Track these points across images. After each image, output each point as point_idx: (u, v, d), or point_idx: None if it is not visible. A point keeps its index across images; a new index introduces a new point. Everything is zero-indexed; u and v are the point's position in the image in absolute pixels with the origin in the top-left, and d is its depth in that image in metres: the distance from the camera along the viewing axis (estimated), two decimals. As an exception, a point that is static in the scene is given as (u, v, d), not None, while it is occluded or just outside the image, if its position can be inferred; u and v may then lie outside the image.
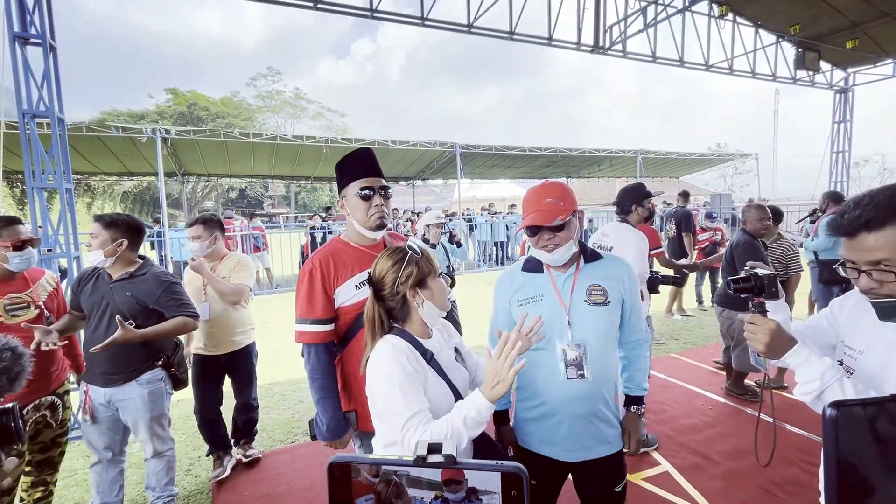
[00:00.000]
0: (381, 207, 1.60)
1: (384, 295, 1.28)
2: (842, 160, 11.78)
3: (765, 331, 1.07)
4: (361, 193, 1.58)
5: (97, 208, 26.34)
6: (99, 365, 2.11)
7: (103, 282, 2.14)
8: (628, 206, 2.98)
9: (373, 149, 1.75)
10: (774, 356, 1.08)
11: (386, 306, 1.29)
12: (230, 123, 31.70)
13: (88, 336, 2.13)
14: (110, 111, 30.32)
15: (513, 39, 7.39)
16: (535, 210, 1.39)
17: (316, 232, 9.82)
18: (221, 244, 2.87)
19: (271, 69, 40.66)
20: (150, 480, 2.33)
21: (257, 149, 11.73)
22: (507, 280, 1.54)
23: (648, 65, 8.94)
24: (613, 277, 1.45)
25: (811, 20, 8.80)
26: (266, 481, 2.75)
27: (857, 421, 0.67)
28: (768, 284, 1.18)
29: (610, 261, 1.51)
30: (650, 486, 2.55)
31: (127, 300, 2.10)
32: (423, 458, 0.60)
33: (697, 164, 18.75)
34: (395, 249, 1.29)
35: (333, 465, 0.62)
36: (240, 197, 36.06)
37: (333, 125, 40.63)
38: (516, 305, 1.47)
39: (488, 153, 13.20)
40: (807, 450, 2.88)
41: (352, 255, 1.62)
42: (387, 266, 1.27)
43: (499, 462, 0.59)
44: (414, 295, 1.26)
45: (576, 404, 1.40)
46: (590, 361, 1.38)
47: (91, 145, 10.04)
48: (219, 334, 2.78)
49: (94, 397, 2.13)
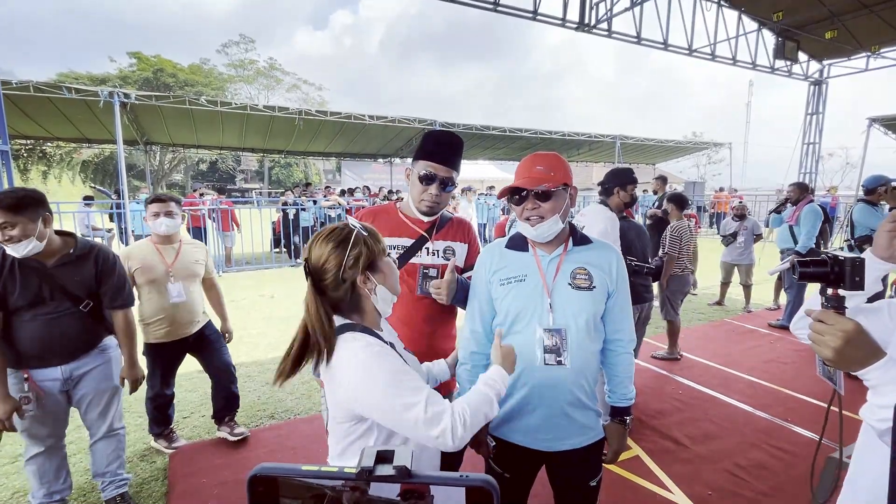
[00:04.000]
0: (434, 196, 1.57)
1: (326, 286, 1.04)
2: (812, 151, 12.11)
3: (838, 333, 0.81)
4: (423, 174, 1.56)
5: (54, 177, 24.83)
6: (54, 344, 1.96)
7: (30, 268, 1.87)
8: (611, 187, 2.89)
9: (349, 123, 1.64)
10: (848, 367, 0.83)
11: (331, 299, 1.06)
12: (199, 92, 30.16)
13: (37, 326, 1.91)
14: (67, 73, 28.32)
15: (497, 11, 7.15)
16: (525, 177, 1.31)
17: (288, 209, 9.48)
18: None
19: (244, 37, 38.59)
20: (100, 465, 2.19)
21: (226, 119, 11.15)
22: (489, 256, 1.44)
23: (628, 52, 8.88)
24: (601, 265, 1.35)
25: (794, 8, 8.87)
26: (227, 467, 2.61)
27: None
28: (851, 272, 0.87)
29: (600, 247, 1.40)
30: (621, 470, 2.55)
31: (81, 281, 1.98)
32: (370, 471, 0.49)
33: (673, 152, 19.02)
34: (333, 230, 1.07)
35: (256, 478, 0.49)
36: (210, 170, 34.67)
37: (310, 98, 39.27)
38: (497, 285, 1.38)
39: (468, 132, 12.97)
40: (772, 434, 2.94)
41: (393, 220, 1.64)
42: (326, 250, 1.04)
43: (464, 474, 0.48)
44: (365, 280, 1.06)
45: (553, 391, 1.31)
46: (569, 348, 1.29)
47: (41, 108, 9.24)
48: (188, 315, 2.64)
49: (44, 381, 1.97)
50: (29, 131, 11.37)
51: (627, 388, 1.42)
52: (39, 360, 1.97)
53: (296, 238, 9.48)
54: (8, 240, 1.77)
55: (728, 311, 5.92)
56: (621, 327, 1.40)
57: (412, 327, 1.58)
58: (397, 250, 1.59)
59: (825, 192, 14.15)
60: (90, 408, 2.11)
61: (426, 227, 1.64)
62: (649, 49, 8.94)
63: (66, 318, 1.96)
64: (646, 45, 8.65)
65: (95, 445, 2.17)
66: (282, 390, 3.56)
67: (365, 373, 0.96)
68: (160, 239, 2.62)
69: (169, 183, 29.83)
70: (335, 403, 1.03)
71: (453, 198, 11.95)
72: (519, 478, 1.43)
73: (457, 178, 1.62)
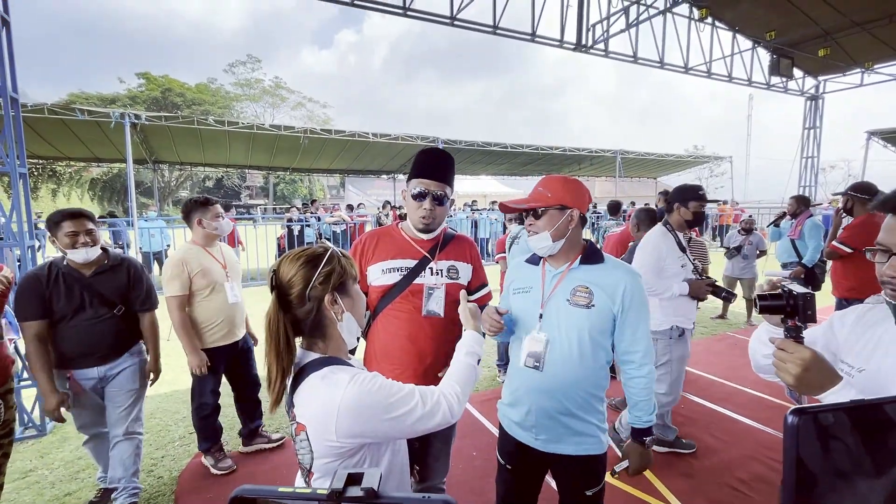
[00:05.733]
0: (429, 211, 1.62)
1: (291, 301, 0.99)
2: (811, 165, 12.20)
3: (797, 361, 0.89)
4: (415, 192, 1.63)
5: (63, 195, 25.22)
6: (94, 347, 2.18)
7: (73, 278, 2.13)
8: (671, 204, 2.71)
9: (353, 141, 1.76)
10: (808, 392, 0.90)
11: (293, 317, 1.00)
12: (206, 111, 30.74)
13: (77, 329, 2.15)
14: (78, 94, 29.00)
15: (496, 34, 7.35)
16: (528, 197, 1.48)
17: (293, 225, 9.61)
18: None
19: (251, 56, 39.65)
20: (117, 470, 2.27)
21: (233, 137, 11.37)
22: (512, 269, 1.66)
23: (628, 66, 9.04)
24: (606, 286, 1.38)
25: (786, 27, 9.04)
26: (234, 482, 2.65)
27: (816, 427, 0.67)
28: (804, 305, 0.94)
29: (613, 268, 1.42)
30: (623, 484, 2.56)
31: (117, 288, 2.22)
32: (340, 493, 0.52)
33: (675, 166, 19.13)
34: (306, 250, 1.04)
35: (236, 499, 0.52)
36: (216, 187, 35.07)
37: (315, 116, 39.85)
38: (511, 293, 1.57)
39: (470, 149, 13.15)
40: (774, 447, 2.95)
41: (397, 242, 1.71)
42: (295, 267, 1.00)
43: (426, 496, 0.51)
44: (333, 301, 1.01)
45: (540, 395, 1.42)
46: (549, 356, 1.39)
47: (54, 129, 9.51)
48: (241, 316, 2.76)
49: (82, 380, 2.21)
50: (42, 152, 11.63)
51: (642, 410, 1.43)
52: (80, 361, 2.17)
53: (300, 254, 9.57)
54: (84, 244, 2.09)
55: (731, 325, 5.94)
56: (633, 349, 1.40)
57: (418, 346, 1.65)
58: (401, 272, 1.65)
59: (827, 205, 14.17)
60: (115, 406, 2.26)
61: (429, 246, 1.69)
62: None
63: (104, 323, 2.18)
64: (642, 64, 8.83)
65: (115, 449, 2.26)
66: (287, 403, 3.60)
67: (360, 408, 0.94)
68: (204, 241, 2.63)
69: (175, 199, 30.19)
70: (325, 445, 0.96)
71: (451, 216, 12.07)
72: (524, 474, 1.52)
73: (451, 193, 1.68)
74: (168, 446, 3.03)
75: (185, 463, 2.83)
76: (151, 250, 8.31)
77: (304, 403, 0.98)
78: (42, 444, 3.06)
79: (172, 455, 2.93)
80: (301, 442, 0.98)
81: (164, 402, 3.69)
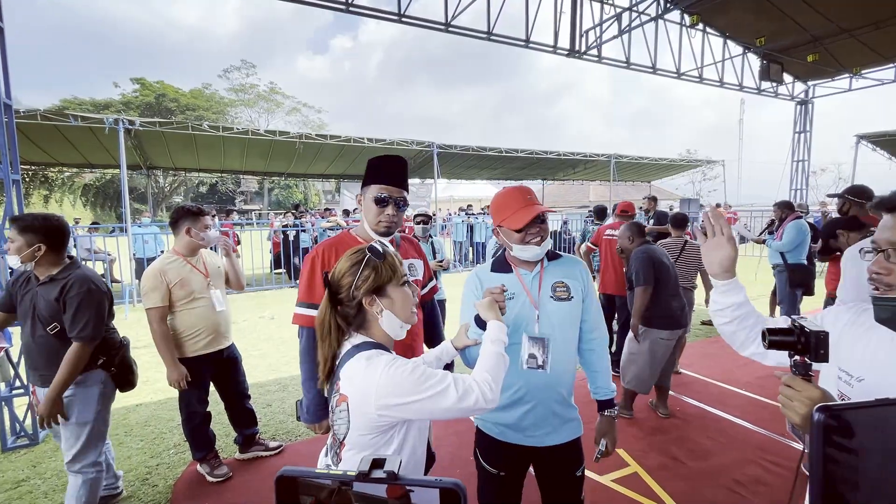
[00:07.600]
0: (391, 217, 1.64)
1: (341, 298, 1.15)
2: (801, 168, 12.35)
3: (804, 400, 0.85)
4: (378, 198, 1.62)
5: (55, 201, 25.03)
6: (37, 365, 2.05)
7: (32, 284, 2.03)
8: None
9: (349, 146, 1.76)
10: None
11: (342, 313, 1.16)
12: (200, 116, 30.69)
13: (25, 339, 2.07)
14: (71, 99, 28.83)
15: (490, 40, 7.41)
16: (527, 205, 1.44)
17: (288, 230, 9.58)
18: None
19: (245, 62, 39.74)
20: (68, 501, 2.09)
21: (228, 143, 11.36)
22: (476, 280, 1.56)
23: (622, 72, 9.12)
24: (574, 276, 1.52)
25: (776, 33, 9.19)
26: (229, 490, 2.63)
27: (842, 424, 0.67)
28: (816, 344, 0.86)
29: (568, 260, 1.58)
30: (620, 487, 2.56)
31: (49, 304, 1.96)
32: (366, 474, 0.60)
33: (668, 169, 19.31)
34: (358, 250, 1.17)
35: (281, 478, 0.63)
36: (210, 192, 34.93)
37: (310, 121, 39.87)
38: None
39: (465, 153, 13.21)
40: (769, 449, 2.97)
41: None
42: (346, 267, 1.15)
43: (438, 479, 0.59)
44: (371, 303, 1.14)
45: (539, 391, 1.46)
46: (550, 353, 1.44)
47: (47, 134, 9.44)
48: (227, 325, 2.72)
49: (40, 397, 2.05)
50: (35, 158, 11.55)
51: (608, 382, 1.57)
52: (33, 377, 2.08)
53: (295, 259, 9.54)
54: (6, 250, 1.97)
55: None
56: (597, 326, 1.56)
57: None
58: None
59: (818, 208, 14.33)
60: (61, 436, 2.08)
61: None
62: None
63: (38, 340, 2.00)
64: (635, 70, 8.93)
65: (69, 476, 2.11)
66: (282, 412, 3.59)
67: (397, 383, 1.05)
68: (187, 250, 2.58)
69: (169, 205, 30.01)
70: (363, 417, 1.07)
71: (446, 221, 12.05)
72: (511, 476, 1.54)
73: (408, 196, 1.72)
74: (163, 454, 3.00)
75: (180, 471, 2.80)
76: (145, 256, 8.25)
77: (348, 377, 1.09)
78: (34, 454, 3.03)
79: (167, 463, 2.90)
80: (340, 413, 1.09)
81: (159, 410, 3.66)
